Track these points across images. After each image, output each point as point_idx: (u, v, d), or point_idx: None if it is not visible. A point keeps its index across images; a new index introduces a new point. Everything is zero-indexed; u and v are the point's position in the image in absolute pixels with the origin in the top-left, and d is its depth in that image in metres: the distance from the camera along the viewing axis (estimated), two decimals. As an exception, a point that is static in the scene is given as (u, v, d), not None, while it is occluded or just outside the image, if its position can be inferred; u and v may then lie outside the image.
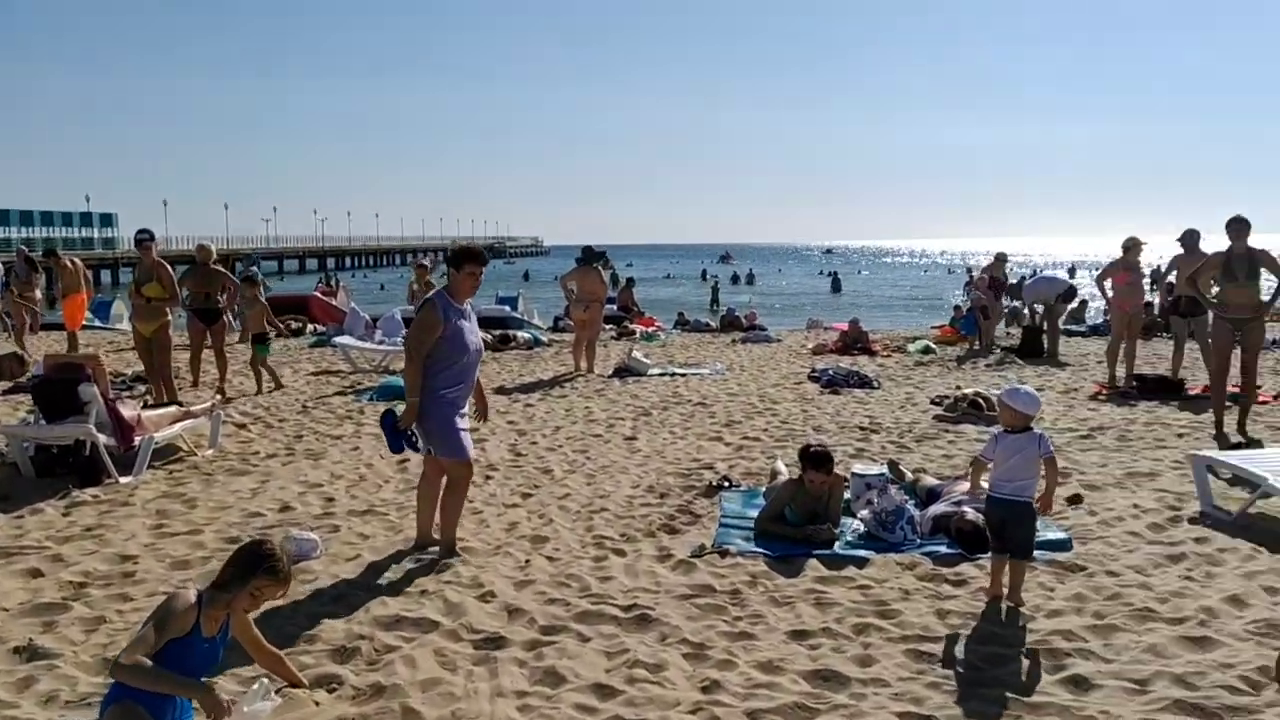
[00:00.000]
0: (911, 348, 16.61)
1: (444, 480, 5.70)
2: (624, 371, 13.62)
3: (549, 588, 5.16)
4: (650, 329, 20.39)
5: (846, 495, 6.50)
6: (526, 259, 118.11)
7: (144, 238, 10.36)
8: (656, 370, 13.91)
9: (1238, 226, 8.91)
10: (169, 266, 10.41)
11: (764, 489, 6.84)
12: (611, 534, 6.15)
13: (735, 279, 60.43)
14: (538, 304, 27.22)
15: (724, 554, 5.66)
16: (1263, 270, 8.97)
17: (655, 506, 6.79)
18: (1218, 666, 4.09)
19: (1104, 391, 11.65)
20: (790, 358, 15.91)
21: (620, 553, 5.78)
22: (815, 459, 6.01)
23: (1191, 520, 6.26)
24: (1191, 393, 11.12)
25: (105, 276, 58.09)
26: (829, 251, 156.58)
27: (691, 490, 7.21)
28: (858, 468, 7.03)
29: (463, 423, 5.58)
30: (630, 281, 26.88)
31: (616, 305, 23.36)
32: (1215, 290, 9.34)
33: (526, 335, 18.03)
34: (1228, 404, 9.30)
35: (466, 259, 5.54)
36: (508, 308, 24.15)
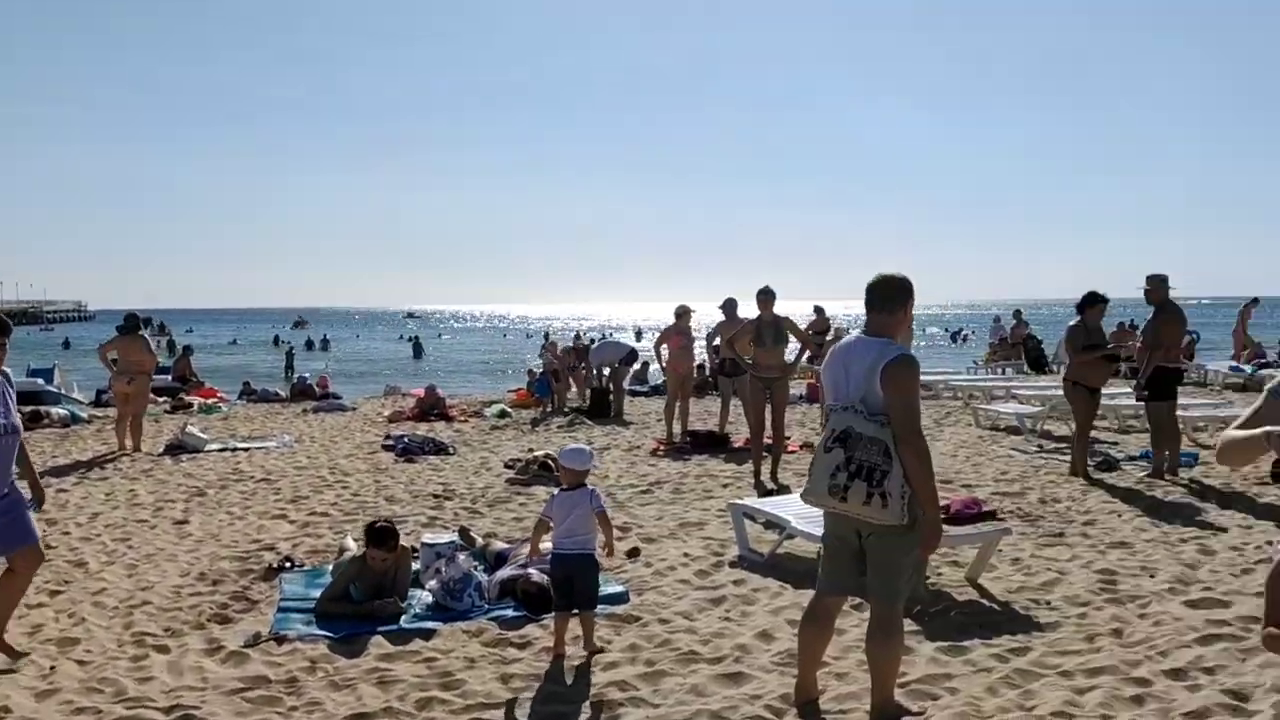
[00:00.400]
0: (488, 412, 16.88)
1: None
2: (177, 448, 12.54)
3: (77, 695, 4.59)
4: (210, 400, 19.05)
5: (416, 566, 6.39)
6: (67, 325, 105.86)
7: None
8: (215, 445, 12.97)
9: (764, 296, 10.06)
10: None
11: (330, 567, 6.55)
12: (154, 629, 5.58)
13: (309, 345, 58.30)
14: (78, 375, 24.46)
15: (280, 640, 5.32)
16: (789, 334, 10.17)
17: (206, 595, 6.26)
18: (748, 699, 4.47)
19: (662, 447, 12.53)
20: (365, 426, 15.54)
21: (164, 649, 5.25)
22: (377, 536, 5.86)
23: (731, 564, 6.85)
24: (736, 445, 12.27)
25: None
26: (411, 315, 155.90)
27: (249, 574, 6.74)
28: (428, 537, 6.95)
29: None
30: (188, 349, 25.00)
31: (172, 376, 21.62)
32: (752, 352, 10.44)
33: (63, 411, 16.15)
34: (765, 454, 10.35)
35: None
36: (41, 380, 21.49)
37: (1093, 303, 10.09)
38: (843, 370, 4.10)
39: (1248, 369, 21.11)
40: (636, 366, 21.29)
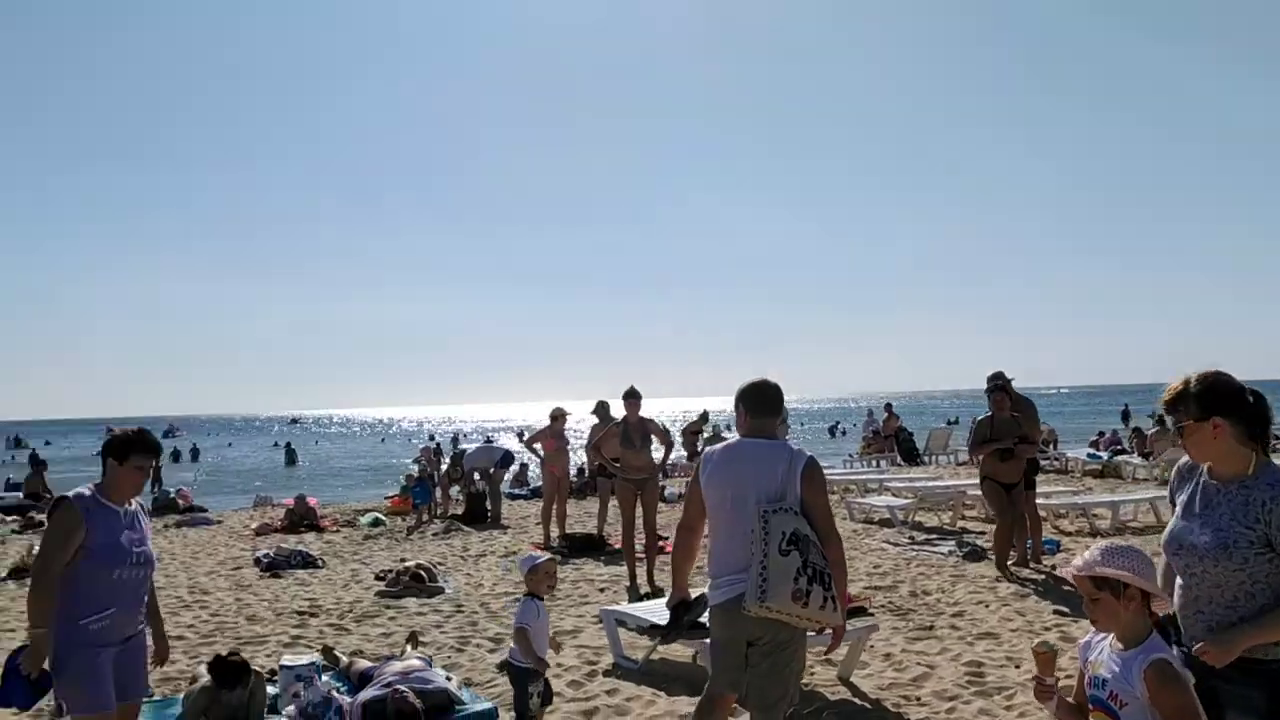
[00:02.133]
0: (362, 520, 16.40)
1: None
2: (22, 572, 11.75)
3: None
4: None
5: (274, 690, 6.08)
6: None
7: None
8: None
9: (630, 399, 10.12)
10: None
11: (182, 696, 6.17)
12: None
13: (176, 456, 56.02)
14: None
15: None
16: (653, 436, 10.21)
17: (42, 734, 5.81)
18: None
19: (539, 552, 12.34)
20: (231, 540, 14.89)
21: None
22: (223, 676, 5.57)
23: (605, 672, 6.72)
24: (613, 547, 12.17)
25: None
26: (295, 421, 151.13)
27: None
28: (287, 659, 6.61)
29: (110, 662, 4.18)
30: (41, 463, 23.70)
31: (24, 493, 20.47)
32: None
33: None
34: (639, 556, 10.28)
35: (136, 448, 4.27)
36: None
37: (993, 390, 10.10)
38: (751, 471, 4.07)
39: (1104, 455, 22.13)
40: (515, 469, 21.07)
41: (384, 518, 16.68)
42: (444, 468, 18.42)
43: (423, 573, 10.13)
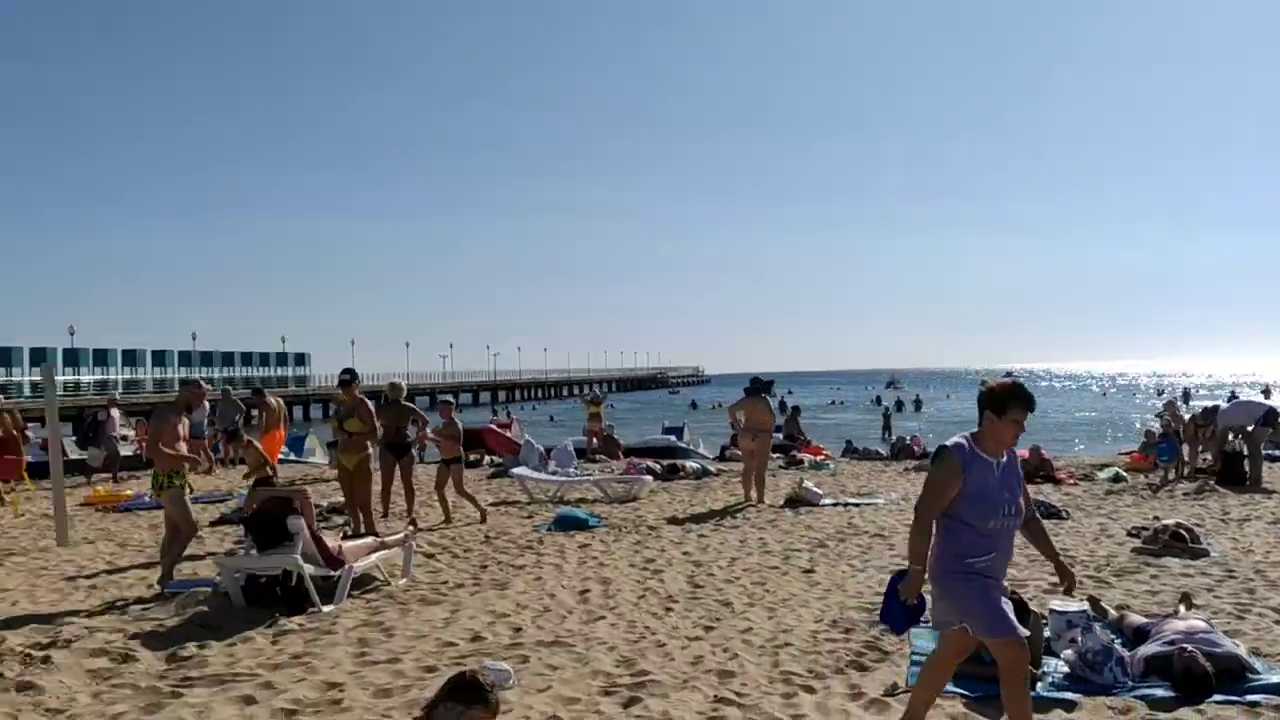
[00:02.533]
0: (1100, 475, 15.86)
1: (957, 663, 4.77)
2: (795, 502, 13.48)
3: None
4: (819, 457, 20.18)
5: (1046, 633, 6.21)
6: (689, 389, 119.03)
7: (347, 379, 11.09)
8: (829, 501, 13.71)
9: None
10: (369, 403, 11.07)
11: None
12: (799, 670, 6.04)
13: (899, 405, 59.24)
14: (701, 432, 27.35)
15: (919, 693, 5.47)
16: None
17: (841, 642, 6.64)
18: None
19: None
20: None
21: (810, 689, 5.67)
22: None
23: None
24: None
25: (299, 413, 61.72)
26: (1009, 376, 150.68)
27: (877, 625, 7.03)
28: (1056, 604, 6.70)
29: (1000, 595, 4.40)
30: (796, 409, 26.77)
31: (783, 434, 23.29)
32: None
33: (694, 465, 18.10)
34: None
35: (1013, 401, 4.36)
36: (673, 438, 24.42)
37: None
38: None
39: None
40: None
41: (1124, 474, 15.92)
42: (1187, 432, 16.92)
43: (1184, 533, 9.50)
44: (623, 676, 5.87)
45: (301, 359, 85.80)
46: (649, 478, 15.46)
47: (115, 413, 18.91)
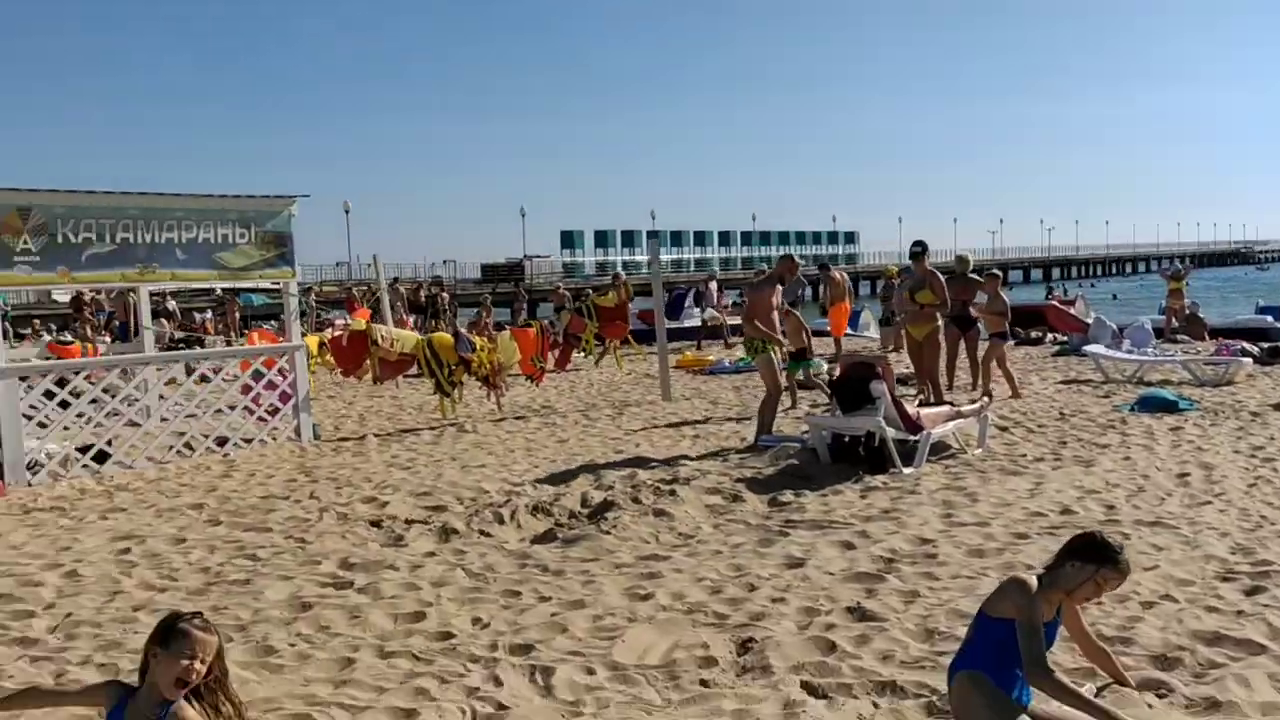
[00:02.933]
0: None
1: None
2: None
3: None
4: None
5: None
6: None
7: (918, 250, 11.17)
8: None
9: None
10: (940, 276, 11.08)
11: None
12: None
13: None
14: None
15: None
16: None
17: None
18: None
19: None
20: None
21: None
22: None
23: None
24: None
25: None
26: None
27: None
28: None
29: None
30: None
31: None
32: None
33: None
34: None
35: None
36: (1269, 317, 21.48)
37: None
38: None
39: None
40: None
41: None
42: None
43: None
44: (1240, 564, 5.40)
45: (851, 237, 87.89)
46: (1247, 360, 13.72)
47: (713, 285, 21.60)
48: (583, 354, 17.41)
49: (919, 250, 11.19)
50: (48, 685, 3.10)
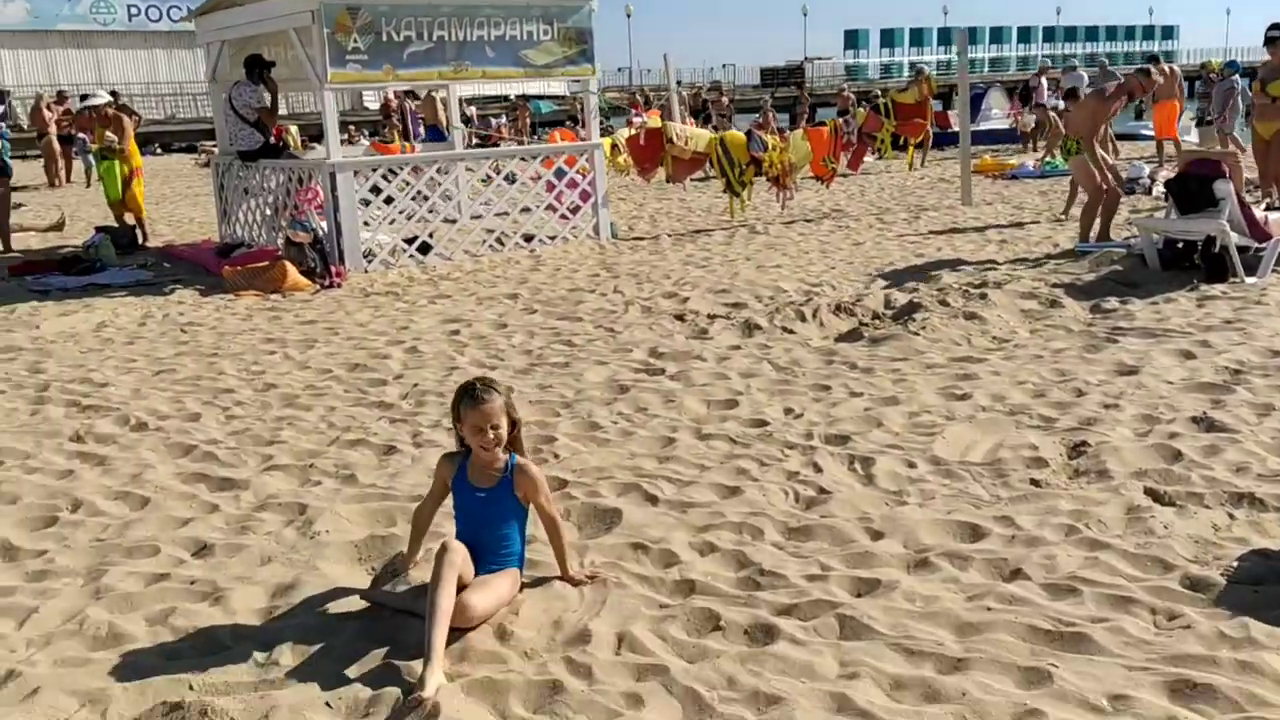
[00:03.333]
0: None
1: None
2: None
3: None
4: None
5: None
6: None
7: (1275, 35, 9.73)
8: None
9: None
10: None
11: None
12: None
13: None
14: None
15: None
16: None
17: None
18: None
19: None
20: None
21: None
22: None
23: None
24: None
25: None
26: None
27: None
28: None
29: None
30: None
31: None
32: None
33: None
34: None
35: None
36: None
37: None
38: None
39: None
40: None
41: None
42: None
43: None
44: None
45: (1169, 32, 78.19)
46: None
47: (1044, 80, 20.21)
48: (877, 155, 16.69)
49: (1276, 34, 9.73)
50: (419, 507, 3.37)
